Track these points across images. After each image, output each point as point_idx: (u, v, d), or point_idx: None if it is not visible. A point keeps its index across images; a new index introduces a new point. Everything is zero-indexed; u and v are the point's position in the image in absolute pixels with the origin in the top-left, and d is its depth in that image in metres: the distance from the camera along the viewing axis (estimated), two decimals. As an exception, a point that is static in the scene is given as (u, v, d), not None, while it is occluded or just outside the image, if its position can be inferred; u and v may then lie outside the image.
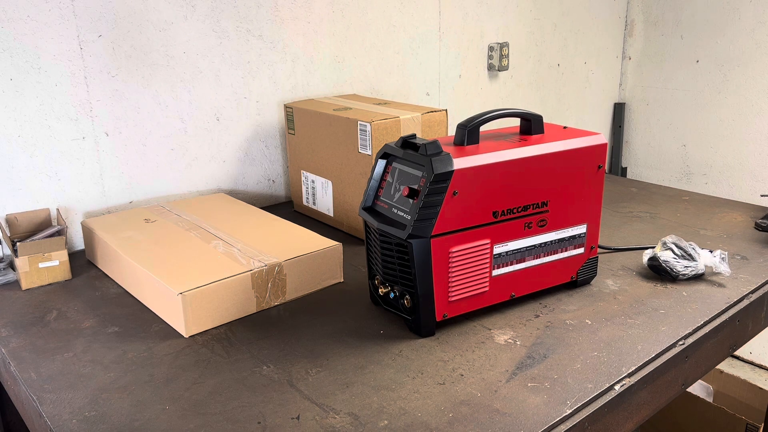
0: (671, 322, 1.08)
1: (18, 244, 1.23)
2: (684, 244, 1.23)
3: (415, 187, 0.99)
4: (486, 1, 2.14)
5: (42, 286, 1.25)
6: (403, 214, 1.00)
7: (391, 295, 1.07)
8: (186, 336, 1.05)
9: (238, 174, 1.68)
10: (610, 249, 1.36)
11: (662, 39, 2.61)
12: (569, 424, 0.85)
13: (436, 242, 0.98)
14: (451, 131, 1.11)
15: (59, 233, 1.31)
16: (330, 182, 1.50)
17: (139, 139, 1.49)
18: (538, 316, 1.10)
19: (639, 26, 2.67)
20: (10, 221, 1.32)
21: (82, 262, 1.37)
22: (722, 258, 1.21)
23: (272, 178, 1.75)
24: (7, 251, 1.34)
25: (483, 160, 1.01)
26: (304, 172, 1.59)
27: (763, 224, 1.45)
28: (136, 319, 1.12)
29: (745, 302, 1.16)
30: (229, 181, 1.67)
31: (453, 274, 1.02)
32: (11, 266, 1.31)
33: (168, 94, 1.51)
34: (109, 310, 1.16)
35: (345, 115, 1.41)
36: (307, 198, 1.60)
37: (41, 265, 1.24)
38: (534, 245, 1.10)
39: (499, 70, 2.23)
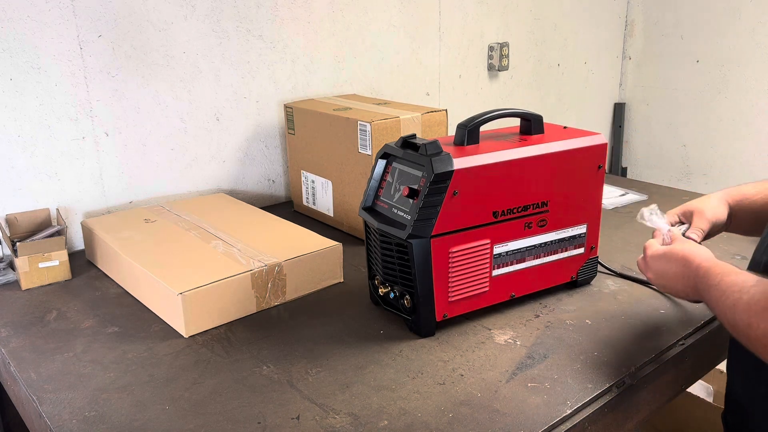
0: (671, 322, 1.08)
1: (18, 244, 1.23)
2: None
3: (415, 187, 0.99)
4: (486, 1, 2.14)
5: (42, 286, 1.25)
6: (403, 214, 1.00)
7: (391, 295, 1.07)
8: (186, 336, 1.05)
9: (238, 174, 1.68)
10: (614, 272, 1.27)
11: (662, 39, 2.61)
12: (569, 424, 0.85)
13: (436, 242, 0.98)
14: (451, 131, 1.11)
15: (59, 233, 1.31)
16: (330, 182, 1.50)
17: (139, 139, 1.49)
18: (538, 316, 1.10)
19: (639, 26, 2.67)
20: (10, 221, 1.32)
21: (82, 262, 1.37)
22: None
23: (272, 178, 1.75)
24: (7, 251, 1.34)
25: (483, 160, 1.01)
26: (304, 172, 1.58)
27: (763, 224, 1.45)
28: (136, 319, 1.12)
29: (745, 302, 1.16)
30: (229, 181, 1.67)
31: (453, 274, 1.02)
32: (11, 266, 1.31)
33: (168, 94, 1.51)
34: (109, 310, 1.16)
35: (345, 115, 1.41)
36: (307, 198, 1.60)
37: (41, 265, 1.24)
38: (534, 245, 1.10)
39: (499, 70, 2.23)
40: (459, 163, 0.98)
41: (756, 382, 0.89)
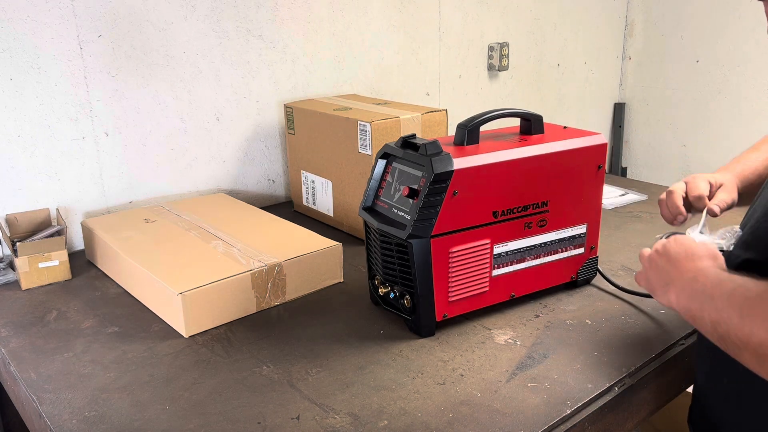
0: (671, 322, 1.08)
1: (18, 244, 1.23)
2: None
3: (415, 187, 0.99)
4: (486, 1, 2.14)
5: (42, 286, 1.25)
6: (403, 214, 1.00)
7: (391, 295, 1.07)
8: (186, 336, 1.05)
9: (238, 174, 1.68)
10: (627, 290, 1.19)
11: (662, 39, 2.61)
12: (569, 424, 0.85)
13: (436, 242, 0.98)
14: (451, 131, 1.11)
15: (59, 233, 1.31)
16: (330, 182, 1.50)
17: (139, 139, 1.49)
18: (538, 316, 1.10)
19: (639, 26, 2.67)
20: (10, 221, 1.32)
21: (82, 262, 1.37)
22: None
23: (272, 178, 1.75)
24: (7, 251, 1.34)
25: (483, 160, 1.01)
26: (304, 172, 1.59)
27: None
28: (136, 319, 1.12)
29: (745, 302, 1.16)
30: (229, 181, 1.67)
31: (453, 274, 1.02)
32: (11, 266, 1.31)
33: (168, 93, 1.51)
34: (109, 310, 1.16)
35: (345, 115, 1.41)
36: (307, 198, 1.60)
37: (41, 265, 1.24)
38: (534, 245, 1.10)
39: (499, 70, 2.23)
40: (459, 163, 0.98)
41: (719, 375, 0.89)
